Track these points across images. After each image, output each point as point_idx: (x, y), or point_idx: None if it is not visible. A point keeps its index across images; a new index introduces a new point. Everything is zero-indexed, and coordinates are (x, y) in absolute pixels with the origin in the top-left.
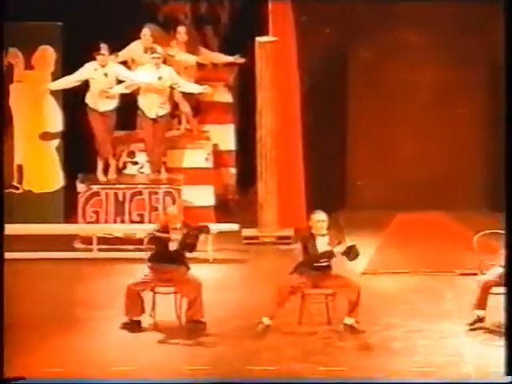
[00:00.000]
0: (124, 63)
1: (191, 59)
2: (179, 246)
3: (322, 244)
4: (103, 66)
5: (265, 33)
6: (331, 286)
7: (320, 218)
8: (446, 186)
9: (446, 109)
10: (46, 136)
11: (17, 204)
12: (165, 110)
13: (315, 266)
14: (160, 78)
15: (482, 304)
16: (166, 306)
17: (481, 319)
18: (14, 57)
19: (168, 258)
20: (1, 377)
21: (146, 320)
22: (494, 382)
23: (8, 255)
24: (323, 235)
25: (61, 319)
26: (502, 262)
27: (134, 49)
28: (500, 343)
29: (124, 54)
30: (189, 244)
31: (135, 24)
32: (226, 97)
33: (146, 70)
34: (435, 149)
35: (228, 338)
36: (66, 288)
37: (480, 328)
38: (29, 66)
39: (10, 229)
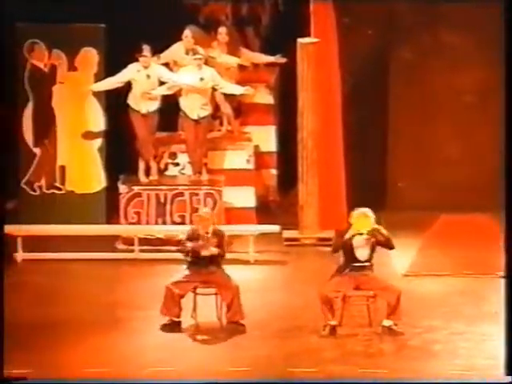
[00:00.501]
0: (166, 65)
1: (232, 61)
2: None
3: (359, 242)
4: (146, 68)
5: (306, 34)
6: (372, 288)
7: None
8: (488, 188)
9: (488, 109)
10: (89, 137)
11: (59, 205)
12: (206, 111)
13: (356, 267)
14: (202, 79)
15: None
16: (206, 307)
17: None
18: (58, 58)
19: (202, 261)
20: (1, 377)
21: (186, 321)
22: (494, 382)
23: (51, 255)
24: (361, 234)
25: (102, 319)
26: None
27: (175, 50)
28: None
29: (166, 55)
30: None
31: (176, 25)
32: (267, 98)
33: (187, 72)
34: (477, 149)
35: (269, 340)
36: (108, 288)
37: None
38: (72, 67)
39: (52, 229)
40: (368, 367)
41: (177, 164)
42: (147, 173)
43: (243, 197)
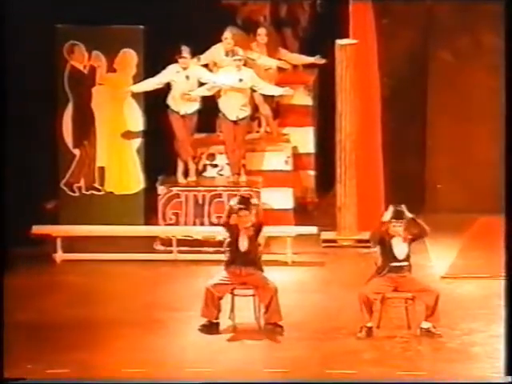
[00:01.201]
0: (205, 66)
1: (272, 63)
2: (249, 245)
3: (398, 243)
4: (185, 69)
5: (345, 35)
6: (410, 289)
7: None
8: None
9: None
10: (127, 138)
11: (98, 206)
12: (246, 112)
13: (394, 267)
14: (241, 80)
15: None
16: (243, 309)
17: None
18: (97, 60)
19: (241, 259)
20: (1, 377)
21: (224, 322)
22: (494, 382)
23: (90, 256)
24: (396, 237)
25: (140, 320)
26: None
27: (215, 52)
28: None
29: (206, 56)
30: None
31: (215, 26)
32: (306, 99)
33: (227, 73)
34: None
35: (307, 341)
36: (146, 289)
37: None
38: (111, 69)
39: (92, 230)
40: (406, 369)
41: (215, 165)
42: (185, 174)
43: (281, 198)
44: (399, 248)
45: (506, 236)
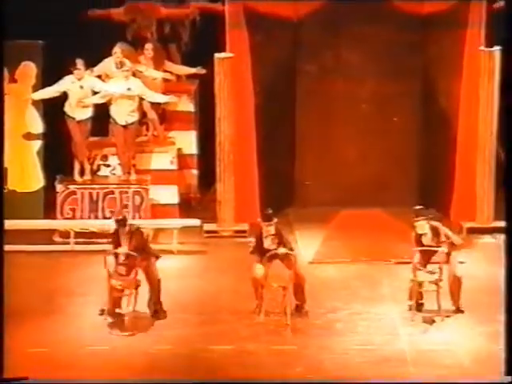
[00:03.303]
0: (98, 77)
1: (157, 75)
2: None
3: (267, 243)
4: (79, 80)
5: (222, 50)
6: (289, 267)
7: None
8: (382, 186)
9: (382, 117)
10: (28, 141)
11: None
12: (134, 117)
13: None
14: (129, 89)
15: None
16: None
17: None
18: None
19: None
20: (1, 377)
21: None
22: (494, 382)
23: None
24: (268, 236)
25: (42, 305)
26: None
27: (106, 64)
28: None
29: (98, 69)
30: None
31: (107, 42)
32: (189, 106)
33: (116, 82)
34: (373, 152)
35: (191, 321)
36: (47, 277)
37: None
38: (12, 79)
39: None
40: (279, 344)
41: (108, 165)
42: (81, 173)
43: (167, 194)
44: (269, 243)
45: (506, 234)
